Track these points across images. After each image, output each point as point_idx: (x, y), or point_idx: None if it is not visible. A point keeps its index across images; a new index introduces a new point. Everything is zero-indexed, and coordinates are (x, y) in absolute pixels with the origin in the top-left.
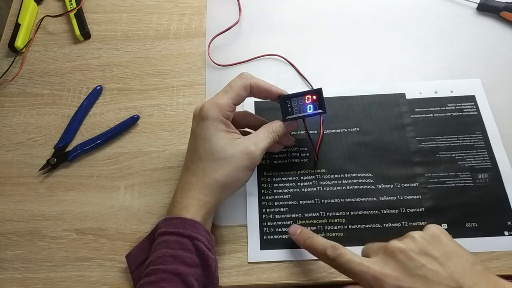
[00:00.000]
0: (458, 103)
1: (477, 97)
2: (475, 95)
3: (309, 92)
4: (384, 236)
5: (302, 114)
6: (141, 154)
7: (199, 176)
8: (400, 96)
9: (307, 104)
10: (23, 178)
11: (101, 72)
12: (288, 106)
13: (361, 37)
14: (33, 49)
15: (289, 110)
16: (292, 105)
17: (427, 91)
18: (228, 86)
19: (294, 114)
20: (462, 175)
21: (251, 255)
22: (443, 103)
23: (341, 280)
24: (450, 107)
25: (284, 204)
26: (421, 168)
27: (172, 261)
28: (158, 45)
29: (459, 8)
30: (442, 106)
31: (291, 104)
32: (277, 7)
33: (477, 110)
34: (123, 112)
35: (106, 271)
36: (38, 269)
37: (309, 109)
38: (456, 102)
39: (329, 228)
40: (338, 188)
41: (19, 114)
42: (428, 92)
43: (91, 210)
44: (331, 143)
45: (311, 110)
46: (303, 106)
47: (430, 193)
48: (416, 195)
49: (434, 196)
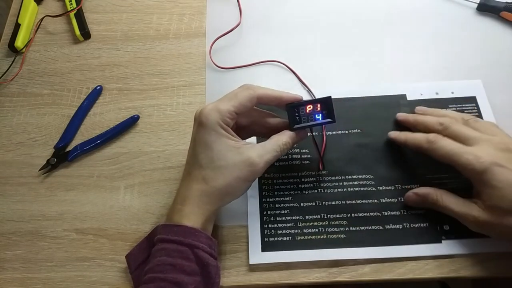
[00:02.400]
0: (459, 104)
1: (478, 98)
2: (476, 96)
3: (318, 101)
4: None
5: (311, 123)
6: (141, 154)
7: (200, 184)
8: (400, 98)
9: (316, 113)
10: (23, 178)
11: (101, 72)
12: (296, 115)
13: (362, 39)
14: (33, 49)
15: (297, 118)
16: (300, 113)
17: (428, 92)
18: (233, 94)
19: (302, 123)
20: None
21: (252, 257)
22: (444, 104)
23: (341, 280)
24: (451, 108)
25: (285, 206)
26: (422, 170)
27: (171, 269)
28: (158, 45)
29: (459, 8)
30: (443, 107)
31: (299, 113)
32: (277, 8)
33: (478, 111)
34: (123, 112)
35: (106, 271)
36: (38, 269)
37: (317, 118)
38: (457, 103)
39: (331, 230)
40: (339, 190)
41: (19, 114)
42: (429, 93)
43: (91, 210)
44: (332, 144)
45: (320, 119)
46: (311, 114)
47: None
48: None
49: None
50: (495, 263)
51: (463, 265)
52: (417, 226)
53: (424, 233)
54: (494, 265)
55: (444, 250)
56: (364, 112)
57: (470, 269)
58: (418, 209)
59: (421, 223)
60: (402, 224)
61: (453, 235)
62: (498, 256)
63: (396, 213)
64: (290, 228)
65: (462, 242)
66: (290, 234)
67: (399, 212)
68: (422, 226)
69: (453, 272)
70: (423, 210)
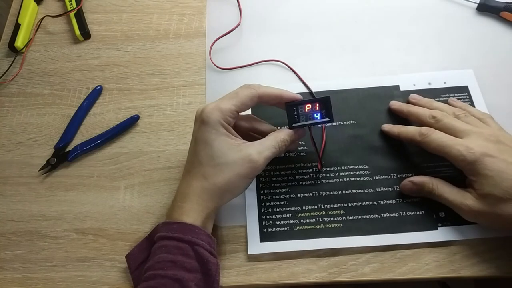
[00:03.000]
0: (452, 93)
1: (470, 87)
2: (467, 86)
3: (317, 100)
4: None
5: (309, 121)
6: (141, 154)
7: (200, 181)
8: (394, 88)
9: (314, 112)
10: (23, 178)
11: (101, 72)
12: (294, 113)
13: (360, 37)
14: (33, 49)
15: (296, 117)
16: (299, 112)
17: (421, 82)
18: (234, 93)
19: (300, 122)
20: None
21: (250, 247)
22: (437, 94)
23: (341, 280)
24: (444, 98)
25: (282, 197)
26: (416, 159)
27: (172, 266)
28: (158, 45)
29: (459, 8)
30: (436, 97)
31: (297, 112)
32: (277, 8)
33: (470, 100)
34: (123, 112)
35: (106, 271)
36: (38, 269)
37: (316, 117)
38: (450, 93)
39: (328, 219)
40: (335, 181)
41: (19, 114)
42: (422, 83)
43: (91, 210)
44: (328, 136)
45: (318, 118)
46: (310, 113)
47: None
48: None
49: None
50: (496, 263)
51: (463, 265)
52: (413, 214)
53: (420, 221)
54: (495, 265)
55: (440, 237)
56: (358, 103)
57: (470, 269)
58: (413, 197)
59: (417, 210)
60: (398, 212)
61: (449, 222)
62: (499, 256)
63: (392, 201)
64: (288, 218)
65: (458, 228)
66: (288, 224)
67: (395, 201)
68: (418, 213)
69: (454, 272)
70: (418, 198)
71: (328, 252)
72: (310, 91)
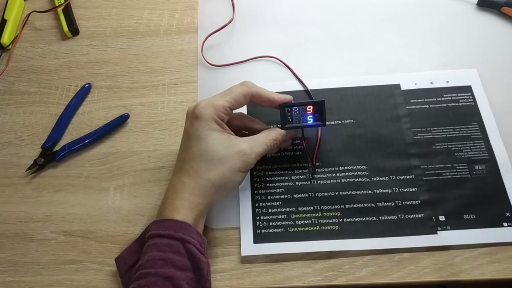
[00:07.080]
0: (454, 93)
1: (473, 87)
2: (471, 85)
3: (311, 103)
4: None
5: (302, 124)
6: (131, 154)
7: (192, 177)
8: (395, 87)
9: (308, 115)
10: (10, 178)
11: (89, 70)
12: (288, 115)
13: (358, 33)
14: (19, 45)
15: (289, 118)
16: (293, 114)
17: (423, 81)
18: (228, 90)
19: (293, 123)
20: (459, 167)
21: (244, 248)
22: (439, 93)
23: (337, 284)
24: (446, 98)
25: (277, 198)
26: (417, 160)
27: (163, 264)
28: (148, 42)
29: (459, 4)
30: (438, 97)
31: (291, 113)
32: (271, 2)
33: (474, 101)
34: (112, 110)
35: (95, 274)
36: (25, 273)
37: (309, 120)
38: (452, 93)
39: (324, 221)
40: (332, 181)
41: (5, 112)
42: (424, 82)
43: (79, 212)
44: (325, 135)
45: (311, 121)
46: (303, 116)
47: (426, 185)
48: (412, 187)
49: (430, 188)
50: (495, 266)
51: (462, 269)
52: (412, 217)
53: (419, 224)
54: (494, 268)
55: (440, 241)
56: (357, 102)
57: (469, 273)
58: (413, 200)
59: (416, 214)
60: (396, 215)
61: (448, 226)
62: (498, 259)
63: (391, 204)
64: (283, 219)
65: (458, 233)
66: (282, 225)
67: (394, 203)
68: (417, 217)
69: (453, 275)
70: (418, 201)
71: (324, 254)
72: (306, 89)
